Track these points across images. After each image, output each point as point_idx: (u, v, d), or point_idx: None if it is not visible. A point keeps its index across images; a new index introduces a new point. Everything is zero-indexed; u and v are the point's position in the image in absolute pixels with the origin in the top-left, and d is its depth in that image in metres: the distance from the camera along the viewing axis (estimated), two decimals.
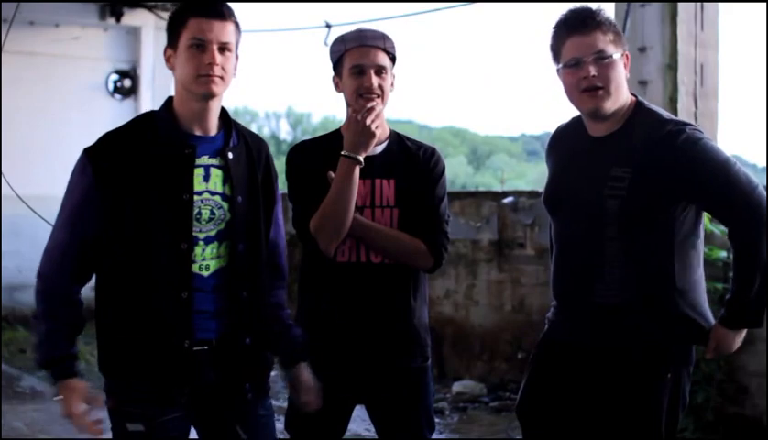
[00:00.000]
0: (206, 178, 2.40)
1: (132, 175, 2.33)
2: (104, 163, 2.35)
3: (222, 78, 2.38)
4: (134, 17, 10.15)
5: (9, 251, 9.32)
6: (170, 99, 2.47)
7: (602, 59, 2.52)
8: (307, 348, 2.64)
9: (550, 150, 2.86)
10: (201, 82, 2.36)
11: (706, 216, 4.89)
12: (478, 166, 43.15)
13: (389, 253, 2.82)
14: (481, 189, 13.44)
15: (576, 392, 2.69)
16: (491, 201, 6.74)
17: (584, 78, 2.53)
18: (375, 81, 2.78)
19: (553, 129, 2.90)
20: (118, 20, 10.02)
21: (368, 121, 2.73)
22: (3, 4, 6.26)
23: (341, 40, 2.86)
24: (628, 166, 2.53)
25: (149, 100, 10.31)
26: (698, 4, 5.54)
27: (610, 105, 2.56)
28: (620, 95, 2.58)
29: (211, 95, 2.38)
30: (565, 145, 2.78)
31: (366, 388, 2.87)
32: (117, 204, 2.33)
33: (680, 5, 5.45)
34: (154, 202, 2.33)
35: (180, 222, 2.34)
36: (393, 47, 2.85)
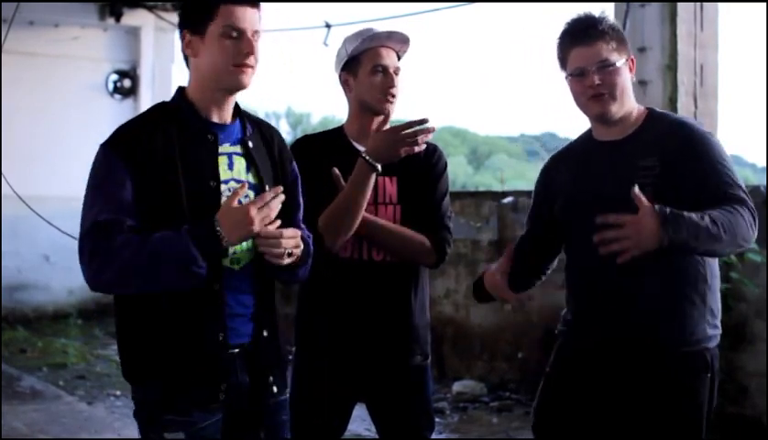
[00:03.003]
0: (230, 166, 2.33)
1: (156, 163, 2.22)
2: (126, 152, 2.21)
3: (253, 68, 2.29)
4: (133, 17, 10.15)
5: (9, 251, 9.32)
6: (181, 89, 2.37)
7: (606, 67, 2.56)
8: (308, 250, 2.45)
9: (553, 170, 2.79)
10: (235, 72, 2.26)
11: None
12: (478, 166, 43.12)
13: (392, 249, 2.83)
14: (481, 189, 13.43)
15: (612, 398, 2.60)
16: (491, 201, 6.74)
17: (589, 86, 2.56)
18: (397, 81, 2.84)
19: (552, 130, 2.94)
20: (118, 20, 10.02)
21: (417, 146, 2.75)
22: (3, 4, 6.26)
23: (365, 37, 2.85)
24: (654, 155, 2.54)
25: (149, 100, 10.31)
26: (698, 4, 5.54)
27: (617, 109, 2.59)
28: (626, 99, 2.60)
29: (244, 87, 2.29)
30: (571, 161, 2.75)
31: (366, 385, 2.88)
32: (144, 194, 2.20)
33: (680, 5, 5.45)
34: (181, 189, 2.22)
35: (208, 210, 2.21)
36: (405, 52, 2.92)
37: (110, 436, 5.50)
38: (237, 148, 2.36)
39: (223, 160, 2.32)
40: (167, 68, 10.55)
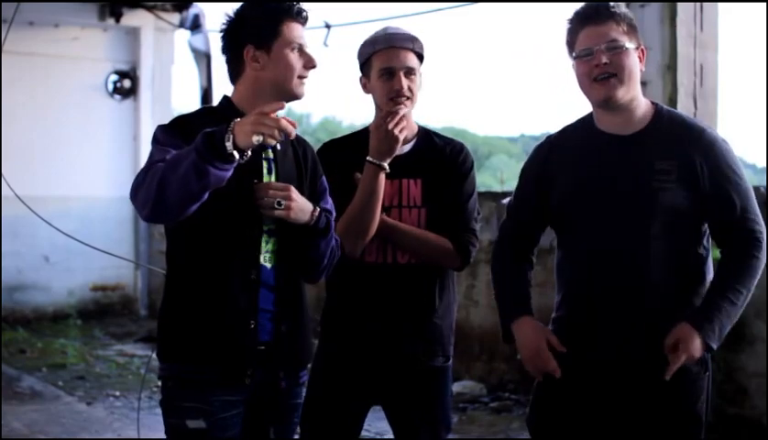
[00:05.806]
0: (270, 171, 2.45)
1: None
2: (182, 132, 2.35)
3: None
4: (133, 18, 10.15)
5: (9, 251, 9.32)
6: (226, 98, 2.51)
7: (615, 48, 2.45)
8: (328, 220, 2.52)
9: (549, 154, 2.67)
10: (299, 83, 2.45)
11: None
12: (478, 166, 42.76)
13: (416, 253, 2.82)
14: (481, 189, 13.40)
15: (617, 408, 2.57)
16: (491, 201, 6.73)
17: (596, 66, 2.46)
18: (405, 83, 2.79)
19: (552, 130, 2.77)
20: (118, 21, 10.02)
21: (391, 125, 2.72)
22: (3, 4, 6.26)
23: (371, 42, 2.84)
24: (671, 159, 2.46)
25: (149, 100, 10.32)
26: (698, 4, 5.54)
27: (623, 94, 2.48)
28: (633, 86, 2.49)
29: (301, 97, 2.48)
30: (570, 149, 2.63)
31: (386, 387, 2.87)
32: None
33: (679, 5, 5.45)
34: (229, 186, 2.27)
35: (251, 207, 2.37)
36: (422, 47, 2.85)
37: (110, 437, 5.49)
38: (271, 154, 2.47)
39: (264, 165, 2.44)
40: (166, 68, 10.55)
